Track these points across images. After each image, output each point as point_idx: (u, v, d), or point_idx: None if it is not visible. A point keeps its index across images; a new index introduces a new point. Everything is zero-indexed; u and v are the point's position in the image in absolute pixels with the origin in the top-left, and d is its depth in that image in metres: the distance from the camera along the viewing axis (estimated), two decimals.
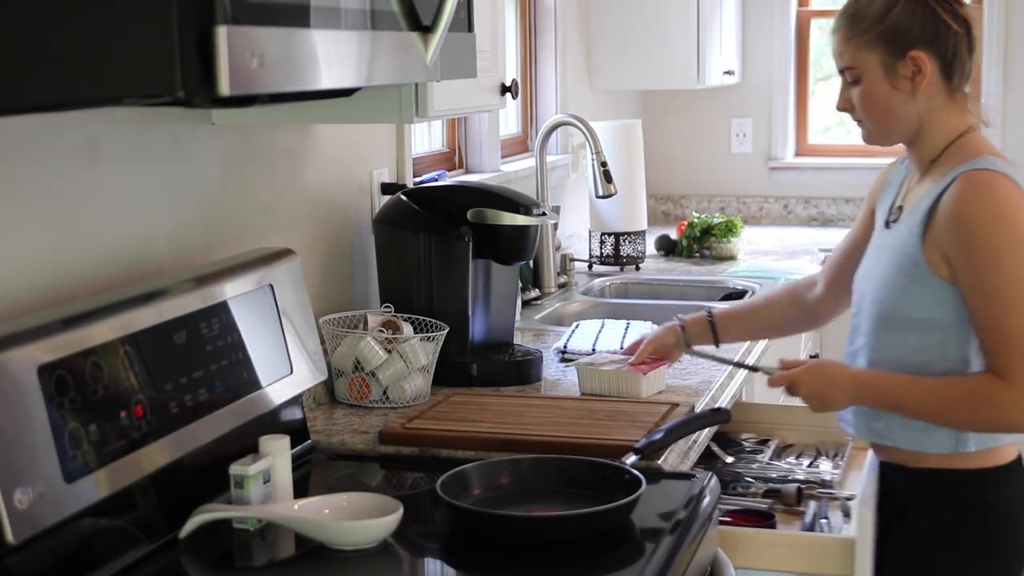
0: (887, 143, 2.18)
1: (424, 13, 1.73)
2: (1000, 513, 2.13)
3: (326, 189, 2.59)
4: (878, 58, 2.08)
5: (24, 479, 1.49)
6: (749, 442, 2.61)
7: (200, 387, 1.84)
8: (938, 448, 2.10)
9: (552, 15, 4.21)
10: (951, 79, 2.09)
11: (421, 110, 2.13)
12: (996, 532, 2.12)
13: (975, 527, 2.12)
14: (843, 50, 2.12)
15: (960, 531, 2.12)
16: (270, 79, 1.36)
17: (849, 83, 2.14)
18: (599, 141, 3.51)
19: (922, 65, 2.07)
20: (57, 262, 1.83)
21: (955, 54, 2.08)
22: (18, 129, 1.73)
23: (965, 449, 2.08)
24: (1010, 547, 2.14)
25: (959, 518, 2.12)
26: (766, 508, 2.27)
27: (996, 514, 2.13)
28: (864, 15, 2.09)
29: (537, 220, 2.58)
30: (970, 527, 2.12)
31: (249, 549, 1.77)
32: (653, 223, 4.77)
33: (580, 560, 1.71)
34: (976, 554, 2.12)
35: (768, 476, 2.41)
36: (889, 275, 2.12)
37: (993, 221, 2.01)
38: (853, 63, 2.11)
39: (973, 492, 2.12)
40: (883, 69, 2.09)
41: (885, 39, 2.07)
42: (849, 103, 2.15)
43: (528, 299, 3.46)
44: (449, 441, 2.15)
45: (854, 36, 2.10)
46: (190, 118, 2.11)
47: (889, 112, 2.11)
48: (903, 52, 2.07)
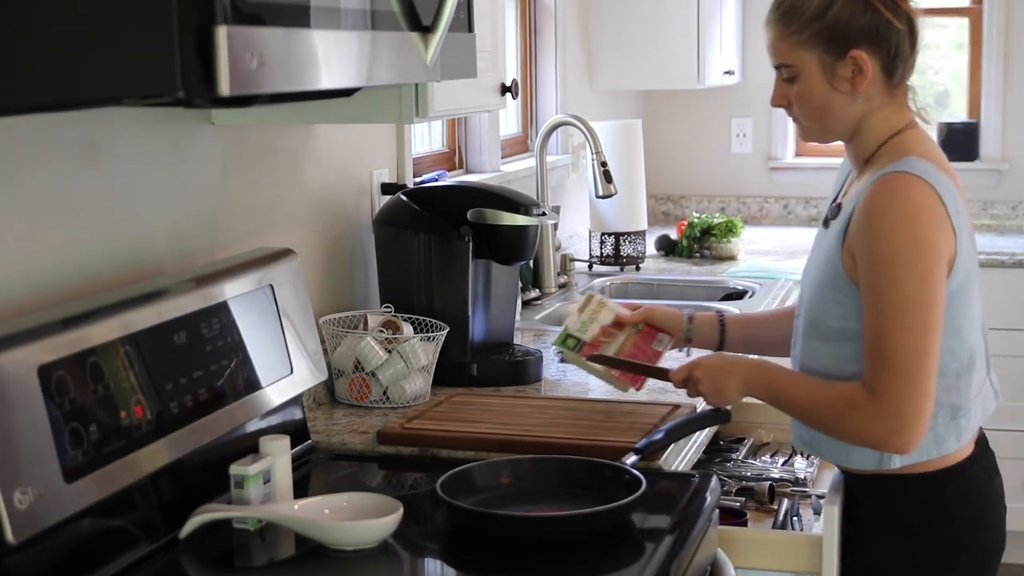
0: (825, 141, 2.10)
1: (424, 13, 1.73)
2: (953, 518, 2.05)
3: (326, 189, 2.59)
4: (816, 58, 1.98)
5: (24, 479, 1.49)
6: (724, 440, 2.61)
7: (200, 387, 1.84)
8: (863, 463, 2.02)
9: (552, 15, 4.21)
10: (892, 76, 2.01)
11: (421, 110, 2.13)
12: (952, 538, 2.05)
13: (927, 534, 2.05)
14: (778, 48, 2.02)
15: (912, 538, 2.05)
16: (270, 79, 1.36)
17: (785, 80, 2.03)
18: (599, 141, 3.51)
19: (863, 65, 1.97)
20: (57, 262, 1.83)
21: (897, 51, 2.00)
22: (18, 129, 1.73)
23: (890, 464, 2.00)
24: (970, 550, 2.06)
25: (909, 525, 2.05)
26: (738, 506, 2.27)
27: (948, 519, 2.05)
28: (801, 11, 1.98)
29: (537, 220, 2.58)
30: (922, 534, 2.05)
31: (249, 549, 1.77)
32: (653, 223, 4.77)
33: (580, 560, 1.71)
34: (933, 562, 2.05)
35: (742, 474, 2.41)
36: (818, 280, 2.05)
37: (896, 225, 1.91)
38: (790, 61, 2.00)
39: (926, 496, 2.04)
40: (821, 69, 1.99)
41: (824, 38, 1.97)
42: (785, 99, 2.05)
43: (528, 299, 3.46)
44: (449, 441, 2.15)
45: (790, 33, 1.99)
46: (190, 118, 2.11)
47: (827, 112, 2.02)
48: (843, 52, 1.97)
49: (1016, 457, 4.37)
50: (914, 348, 1.90)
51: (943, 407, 2.00)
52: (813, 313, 2.06)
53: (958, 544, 2.05)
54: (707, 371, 2.08)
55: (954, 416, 2.03)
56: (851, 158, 2.11)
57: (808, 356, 2.08)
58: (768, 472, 2.42)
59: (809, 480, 2.40)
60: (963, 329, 2.02)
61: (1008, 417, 4.39)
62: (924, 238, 1.92)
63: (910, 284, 1.90)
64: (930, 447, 2.01)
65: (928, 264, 1.91)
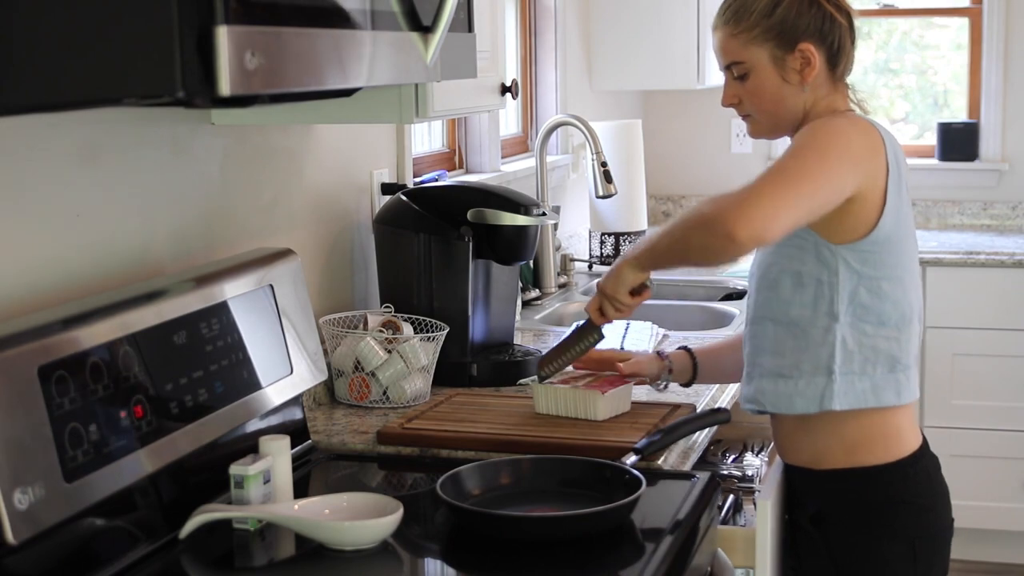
0: (774, 136, 2.19)
1: (424, 13, 1.73)
2: (910, 506, 2.11)
3: (326, 189, 2.59)
4: (767, 52, 2.08)
5: (24, 479, 1.49)
6: None
7: (200, 387, 1.84)
8: (805, 406, 2.06)
9: (552, 15, 4.21)
10: (835, 69, 2.12)
11: (421, 110, 2.13)
12: (911, 525, 2.10)
13: (888, 524, 2.09)
14: (729, 46, 2.11)
15: (874, 529, 2.10)
16: (270, 79, 1.36)
17: (736, 78, 2.12)
18: (599, 141, 3.51)
19: (811, 57, 2.07)
20: (57, 262, 1.83)
21: (840, 45, 2.10)
22: (18, 129, 1.73)
23: (830, 406, 2.04)
24: (926, 537, 2.12)
25: (871, 517, 2.09)
26: None
27: (906, 507, 2.10)
28: (750, 10, 2.08)
29: (537, 220, 2.58)
30: (883, 524, 2.09)
31: (249, 549, 1.77)
32: (653, 223, 4.76)
33: (580, 560, 1.71)
34: (896, 550, 2.10)
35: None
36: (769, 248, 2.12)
37: (822, 126, 2.04)
38: (742, 58, 2.10)
39: (879, 489, 2.09)
40: (773, 62, 2.09)
41: (774, 33, 2.07)
42: (736, 98, 2.14)
43: (528, 299, 3.46)
44: (449, 441, 2.15)
45: (742, 31, 2.09)
46: (190, 118, 2.11)
47: (779, 105, 2.11)
48: (792, 45, 2.07)
49: (1016, 457, 4.37)
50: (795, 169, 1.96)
51: (881, 356, 2.06)
52: (763, 266, 2.12)
53: (916, 531, 2.11)
54: (605, 280, 2.15)
55: (892, 369, 2.08)
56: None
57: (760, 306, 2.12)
58: (717, 468, 2.42)
59: (757, 477, 2.40)
60: (904, 281, 2.08)
61: (1008, 417, 4.40)
62: (838, 130, 2.02)
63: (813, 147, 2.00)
64: (868, 395, 2.06)
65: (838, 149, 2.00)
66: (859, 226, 2.03)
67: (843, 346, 2.04)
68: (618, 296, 2.12)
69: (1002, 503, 4.42)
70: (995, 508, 4.42)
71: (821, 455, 2.11)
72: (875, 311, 2.05)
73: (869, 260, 2.03)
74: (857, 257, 2.03)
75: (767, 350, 2.10)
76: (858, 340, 2.05)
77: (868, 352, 2.05)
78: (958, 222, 5.00)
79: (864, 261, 2.03)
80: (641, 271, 2.10)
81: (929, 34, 5.32)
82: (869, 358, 2.05)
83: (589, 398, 2.21)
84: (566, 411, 2.23)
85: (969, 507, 4.40)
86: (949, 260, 4.40)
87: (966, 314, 4.39)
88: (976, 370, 4.39)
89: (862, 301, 2.04)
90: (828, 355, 2.05)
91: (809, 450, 2.12)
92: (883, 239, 2.03)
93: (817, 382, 2.05)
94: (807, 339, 2.06)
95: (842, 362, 2.04)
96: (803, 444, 2.13)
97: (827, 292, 2.04)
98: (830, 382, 2.05)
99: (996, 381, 4.38)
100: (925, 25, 5.30)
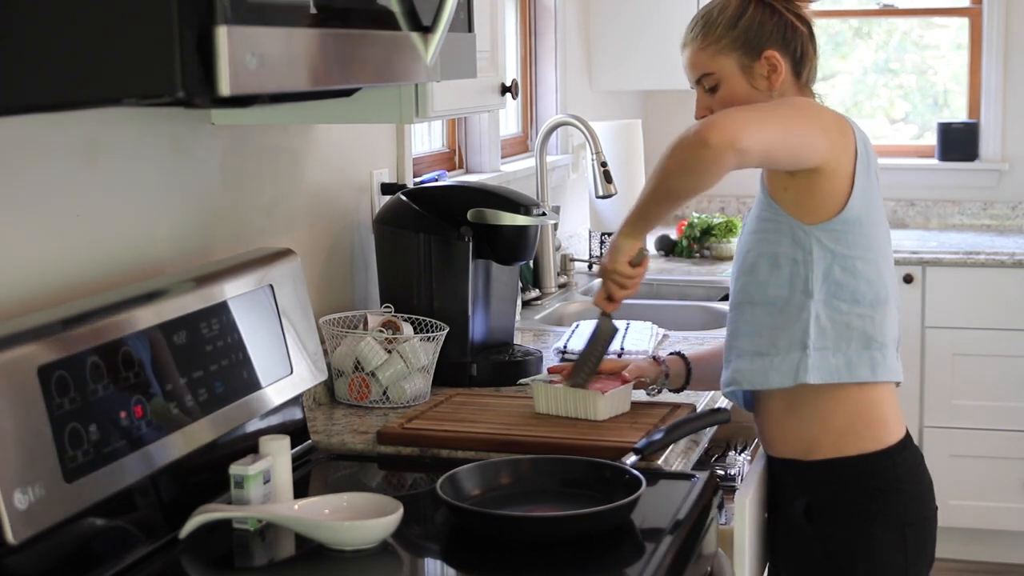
0: None
1: (424, 13, 1.73)
2: (900, 493, 2.13)
3: (326, 189, 2.59)
4: (735, 62, 2.16)
5: (24, 479, 1.49)
6: None
7: (200, 387, 1.84)
8: (780, 380, 2.10)
9: (552, 15, 4.21)
10: (800, 76, 2.19)
11: (421, 110, 2.13)
12: (901, 512, 2.13)
13: (879, 512, 2.11)
14: (698, 60, 2.19)
15: (865, 518, 2.11)
16: (270, 79, 1.36)
17: (707, 90, 2.20)
18: (599, 141, 3.51)
19: (776, 63, 2.15)
20: (57, 262, 1.83)
21: (803, 52, 2.18)
22: (18, 129, 1.73)
23: (805, 379, 2.08)
24: (915, 524, 2.14)
25: (862, 506, 2.12)
26: None
27: (896, 495, 2.13)
28: (716, 23, 2.17)
29: (537, 220, 2.58)
30: (874, 513, 2.11)
31: (249, 549, 1.77)
32: None
33: (580, 560, 1.71)
34: (887, 537, 2.12)
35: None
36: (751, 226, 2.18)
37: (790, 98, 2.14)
38: (711, 69, 2.17)
39: (870, 477, 2.12)
40: (741, 71, 2.16)
41: (740, 43, 2.15)
42: (709, 111, 2.20)
43: (528, 299, 3.46)
44: (449, 441, 2.15)
45: (709, 44, 2.17)
46: (190, 118, 2.11)
47: None
48: (758, 53, 2.15)
49: (1016, 457, 4.37)
50: (768, 106, 2.09)
51: (855, 332, 2.10)
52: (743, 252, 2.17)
53: (906, 518, 2.14)
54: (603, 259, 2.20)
55: (867, 346, 2.11)
56: None
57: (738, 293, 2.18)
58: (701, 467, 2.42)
59: (739, 476, 2.40)
60: (879, 264, 2.13)
61: (1008, 417, 4.40)
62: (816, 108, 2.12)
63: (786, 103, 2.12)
64: (842, 370, 2.10)
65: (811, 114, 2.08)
66: (828, 204, 2.08)
67: (817, 322, 2.08)
68: (618, 268, 2.16)
69: (1002, 503, 4.42)
70: (995, 508, 4.42)
71: (810, 446, 2.13)
72: (849, 288, 2.09)
73: (842, 240, 2.08)
74: (830, 236, 2.08)
75: (745, 333, 2.15)
76: (832, 317, 2.09)
77: (842, 329, 2.09)
78: (958, 222, 5.00)
79: (837, 240, 2.08)
80: (635, 237, 2.15)
81: (929, 34, 5.32)
82: (843, 334, 2.09)
83: (589, 398, 2.21)
84: (566, 411, 2.23)
85: (969, 507, 4.41)
86: (949, 260, 4.40)
87: (966, 314, 4.39)
88: (976, 370, 4.39)
89: (836, 279, 2.08)
90: (803, 331, 2.09)
91: (797, 441, 2.14)
92: (854, 219, 2.08)
93: (792, 357, 2.09)
94: (783, 317, 2.10)
95: (816, 337, 2.08)
96: (790, 435, 2.15)
97: (802, 271, 2.09)
98: (804, 356, 2.08)
99: (996, 381, 4.38)
100: (925, 25, 5.30)
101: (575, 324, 2.98)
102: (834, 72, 5.31)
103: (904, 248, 4.46)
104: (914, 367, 4.36)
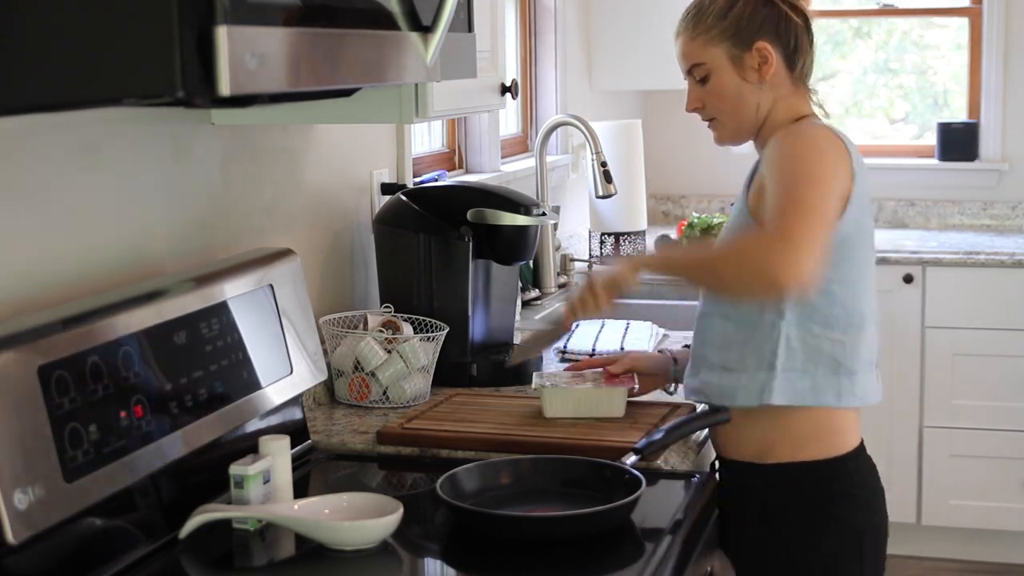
0: (739, 140, 2.21)
1: (424, 13, 1.73)
2: (855, 499, 2.13)
3: (326, 189, 2.59)
4: (725, 52, 2.13)
5: (24, 479, 1.49)
6: None
7: (200, 387, 1.84)
8: (746, 399, 2.08)
9: (552, 15, 4.21)
10: (794, 69, 2.15)
11: (421, 110, 2.13)
12: (857, 518, 2.12)
13: (836, 517, 2.11)
14: (689, 49, 2.17)
15: (821, 523, 2.11)
16: (270, 79, 1.36)
17: (697, 81, 2.17)
18: (599, 141, 3.51)
19: (767, 55, 2.11)
20: (57, 262, 1.83)
21: (797, 45, 2.14)
22: (18, 129, 1.73)
23: (770, 400, 2.06)
24: (870, 531, 2.14)
25: (819, 510, 2.11)
26: None
27: (852, 500, 2.13)
28: (708, 13, 2.14)
29: (537, 220, 2.59)
30: (831, 518, 2.11)
31: (249, 549, 1.77)
32: (653, 223, 4.77)
33: (580, 560, 1.71)
34: (843, 543, 2.12)
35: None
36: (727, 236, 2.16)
37: (799, 144, 2.06)
38: (701, 59, 2.15)
39: (826, 483, 2.11)
40: (731, 62, 2.13)
41: (730, 33, 2.12)
42: (699, 102, 2.18)
43: (528, 299, 3.46)
44: (449, 441, 2.15)
45: (700, 34, 2.14)
46: (190, 118, 2.11)
47: (740, 103, 2.14)
48: (749, 44, 2.12)
49: (1016, 457, 4.37)
50: (819, 195, 1.98)
51: (824, 357, 2.08)
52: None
53: (862, 524, 2.14)
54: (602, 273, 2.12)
55: (835, 372, 2.09)
56: (758, 149, 2.20)
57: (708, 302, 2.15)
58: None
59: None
60: (857, 289, 2.10)
61: (1008, 417, 4.40)
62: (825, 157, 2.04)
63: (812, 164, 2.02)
64: (807, 394, 2.08)
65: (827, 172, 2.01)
66: None
67: (787, 343, 2.07)
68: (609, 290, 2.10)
69: (1002, 503, 4.42)
70: (995, 508, 4.42)
71: (767, 449, 2.12)
72: (823, 312, 2.06)
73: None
74: None
75: (714, 344, 2.13)
76: (803, 339, 2.07)
77: (811, 352, 2.07)
78: (958, 222, 5.00)
79: None
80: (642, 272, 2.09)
81: (929, 34, 5.32)
82: (812, 357, 2.07)
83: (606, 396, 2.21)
84: (584, 412, 2.21)
85: (969, 507, 4.41)
86: (949, 260, 4.40)
87: (966, 314, 4.39)
88: (976, 370, 4.39)
89: (810, 301, 2.05)
90: (772, 351, 2.07)
91: (754, 444, 2.13)
92: (839, 242, 2.03)
93: (759, 377, 2.08)
94: (753, 335, 2.08)
95: (785, 359, 2.07)
96: (748, 438, 2.13)
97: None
98: (771, 377, 2.07)
99: (996, 381, 4.38)
100: (925, 25, 5.30)
101: (575, 324, 2.98)
102: (834, 72, 5.31)
103: (904, 248, 4.46)
104: (914, 367, 4.35)
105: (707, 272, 2.03)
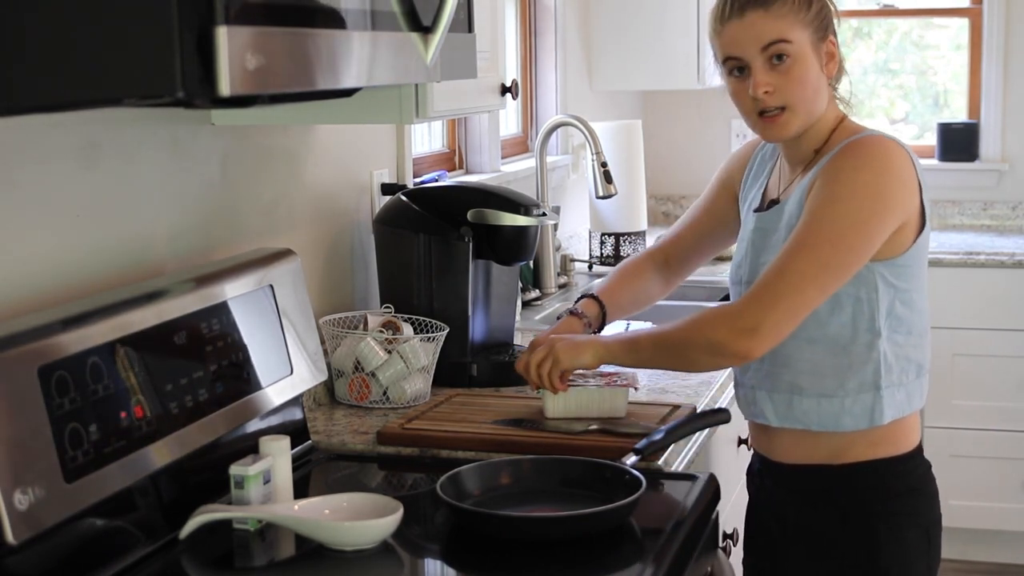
0: (790, 135, 2.03)
1: (424, 13, 1.73)
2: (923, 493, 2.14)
3: (326, 189, 2.59)
4: (809, 38, 1.98)
5: (24, 479, 1.49)
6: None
7: (200, 387, 1.84)
8: (854, 423, 2.05)
9: (552, 15, 4.21)
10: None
11: (421, 111, 2.13)
12: (925, 512, 2.13)
13: (909, 512, 2.11)
14: (771, 26, 1.96)
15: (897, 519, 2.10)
16: (270, 79, 1.36)
17: (773, 60, 1.97)
18: (599, 141, 3.51)
19: (834, 52, 2.03)
20: (57, 262, 1.83)
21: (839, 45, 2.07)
22: (18, 129, 1.73)
23: (881, 421, 2.04)
24: (936, 524, 2.15)
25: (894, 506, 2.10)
26: None
27: (922, 495, 2.13)
28: None
29: (537, 220, 2.58)
30: (905, 513, 2.11)
31: (249, 549, 1.77)
32: (653, 223, 4.76)
33: (580, 560, 1.71)
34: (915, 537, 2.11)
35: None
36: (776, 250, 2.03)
37: (860, 171, 1.96)
38: (790, 37, 1.95)
39: (900, 478, 2.10)
40: (813, 50, 1.99)
41: (816, 20, 1.99)
42: (771, 86, 1.98)
43: (528, 299, 3.46)
44: (449, 441, 2.15)
45: (787, 13, 1.96)
46: (190, 118, 2.11)
47: (817, 96, 2.02)
48: (825, 35, 2.01)
49: (1016, 457, 4.37)
50: (809, 276, 1.93)
51: (912, 364, 2.08)
52: None
53: (929, 518, 2.15)
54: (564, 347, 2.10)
55: (919, 374, 2.10)
56: (795, 151, 2.10)
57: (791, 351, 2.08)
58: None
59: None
60: (925, 291, 2.10)
61: (1008, 417, 4.40)
62: (880, 188, 1.96)
63: (843, 222, 1.94)
64: (904, 404, 2.08)
65: (871, 213, 1.95)
66: (900, 245, 2.02)
67: (885, 360, 2.04)
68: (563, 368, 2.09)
69: (1002, 503, 4.42)
70: (995, 508, 4.42)
71: (842, 450, 2.09)
72: (906, 322, 2.05)
73: (904, 274, 2.03)
74: (894, 272, 2.02)
75: (803, 371, 2.07)
76: (895, 352, 2.05)
77: (903, 363, 2.06)
78: (958, 222, 5.00)
79: (899, 275, 2.03)
80: (604, 360, 2.08)
81: (929, 34, 5.32)
82: (903, 368, 2.07)
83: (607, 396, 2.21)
84: (585, 412, 2.20)
85: (969, 507, 4.41)
86: (949, 260, 4.40)
87: (966, 314, 4.39)
88: (976, 370, 4.39)
89: (897, 314, 2.04)
90: (874, 371, 2.04)
91: (827, 448, 2.09)
92: (918, 254, 2.04)
93: (864, 399, 2.05)
94: (849, 357, 2.04)
95: (885, 375, 2.04)
96: (822, 444, 2.09)
97: (867, 309, 2.02)
98: (879, 398, 2.05)
99: (996, 381, 4.38)
100: (925, 25, 5.30)
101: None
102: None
103: None
104: None
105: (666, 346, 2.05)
